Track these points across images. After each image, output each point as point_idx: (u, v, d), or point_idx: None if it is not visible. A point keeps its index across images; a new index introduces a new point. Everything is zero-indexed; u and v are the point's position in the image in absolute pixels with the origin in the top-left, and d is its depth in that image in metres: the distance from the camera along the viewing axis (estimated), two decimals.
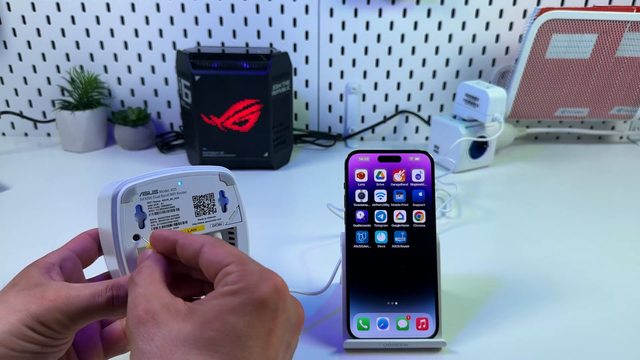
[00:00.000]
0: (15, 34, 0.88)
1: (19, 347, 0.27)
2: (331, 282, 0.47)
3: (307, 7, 0.87)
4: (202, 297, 0.29)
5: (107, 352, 0.34)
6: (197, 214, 0.35)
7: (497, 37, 0.91)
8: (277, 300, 0.25)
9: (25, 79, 0.92)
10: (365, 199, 0.43)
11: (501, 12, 0.89)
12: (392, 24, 0.89)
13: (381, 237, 0.42)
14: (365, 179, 0.43)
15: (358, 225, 0.42)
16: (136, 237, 0.32)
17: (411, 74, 0.93)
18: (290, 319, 0.26)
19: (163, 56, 0.91)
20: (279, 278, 0.26)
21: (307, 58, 0.91)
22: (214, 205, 0.35)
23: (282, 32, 0.89)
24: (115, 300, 0.29)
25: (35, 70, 0.91)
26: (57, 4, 0.86)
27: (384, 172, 0.43)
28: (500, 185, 0.78)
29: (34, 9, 0.86)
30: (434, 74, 0.93)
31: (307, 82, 0.93)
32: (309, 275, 0.52)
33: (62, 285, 0.29)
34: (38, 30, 0.88)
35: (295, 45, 0.90)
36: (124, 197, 0.31)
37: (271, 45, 0.90)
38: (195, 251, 0.28)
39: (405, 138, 0.99)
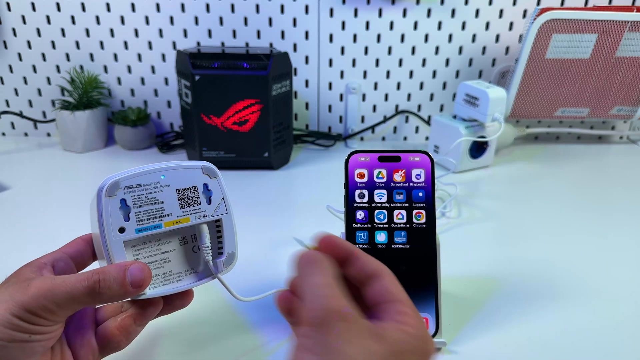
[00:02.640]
0: (15, 34, 0.88)
1: (7, 336, 0.28)
2: None
3: (307, 7, 0.87)
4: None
5: (101, 349, 0.34)
6: (182, 206, 0.35)
7: (497, 37, 0.91)
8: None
9: (25, 79, 0.92)
10: (365, 199, 0.43)
11: (501, 12, 0.89)
12: (392, 24, 0.89)
13: (381, 237, 0.42)
14: (365, 179, 0.43)
15: (358, 225, 0.42)
16: (122, 230, 0.33)
17: (411, 74, 0.93)
18: None
19: (163, 56, 0.91)
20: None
21: (307, 58, 0.91)
22: (198, 197, 0.36)
23: (282, 32, 0.89)
24: (101, 284, 0.30)
25: (35, 70, 0.91)
26: (57, 4, 0.86)
27: (384, 172, 0.43)
28: (500, 185, 0.78)
29: (34, 9, 0.86)
30: (434, 74, 0.93)
31: (307, 82, 0.93)
32: None
33: (49, 276, 0.30)
34: (38, 30, 0.88)
35: (295, 45, 0.90)
36: (108, 191, 0.32)
37: (271, 45, 0.90)
38: (374, 271, 0.29)
39: (405, 138, 0.99)
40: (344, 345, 0.24)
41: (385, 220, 0.42)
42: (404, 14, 0.88)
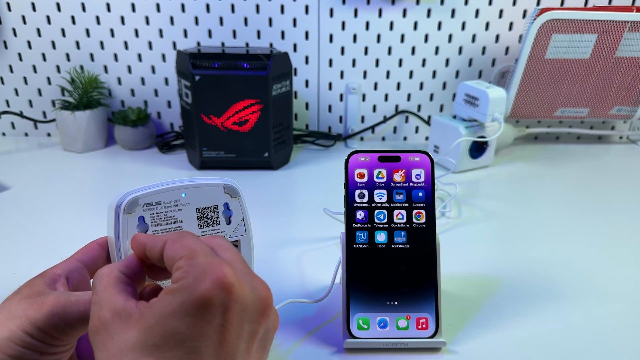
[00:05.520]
0: (15, 34, 0.88)
1: (18, 354, 0.27)
2: (332, 289, 0.46)
3: (307, 7, 0.87)
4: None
5: None
6: (200, 226, 0.34)
7: (497, 37, 0.91)
8: (224, 296, 0.23)
9: (25, 79, 0.92)
10: (365, 199, 0.43)
11: (501, 12, 0.89)
12: (392, 24, 0.89)
13: (381, 237, 0.42)
14: (365, 179, 0.43)
15: (358, 225, 0.42)
16: None
17: (411, 74, 0.93)
18: (248, 308, 0.25)
19: (163, 56, 0.91)
20: (227, 269, 0.24)
21: (307, 58, 0.91)
22: (217, 217, 0.35)
23: (282, 32, 0.89)
24: None
25: (35, 70, 0.91)
26: (57, 4, 0.86)
27: (384, 172, 0.43)
28: (500, 185, 0.78)
29: (34, 9, 0.86)
30: (434, 74, 0.93)
31: (307, 82, 0.93)
32: (308, 277, 0.52)
33: (62, 292, 0.29)
34: (38, 30, 0.88)
35: (295, 45, 0.90)
36: (127, 208, 0.31)
37: (271, 45, 0.90)
38: (160, 250, 0.27)
39: (405, 138, 0.99)
40: (100, 354, 0.24)
41: (385, 220, 0.42)
42: (404, 14, 0.88)
